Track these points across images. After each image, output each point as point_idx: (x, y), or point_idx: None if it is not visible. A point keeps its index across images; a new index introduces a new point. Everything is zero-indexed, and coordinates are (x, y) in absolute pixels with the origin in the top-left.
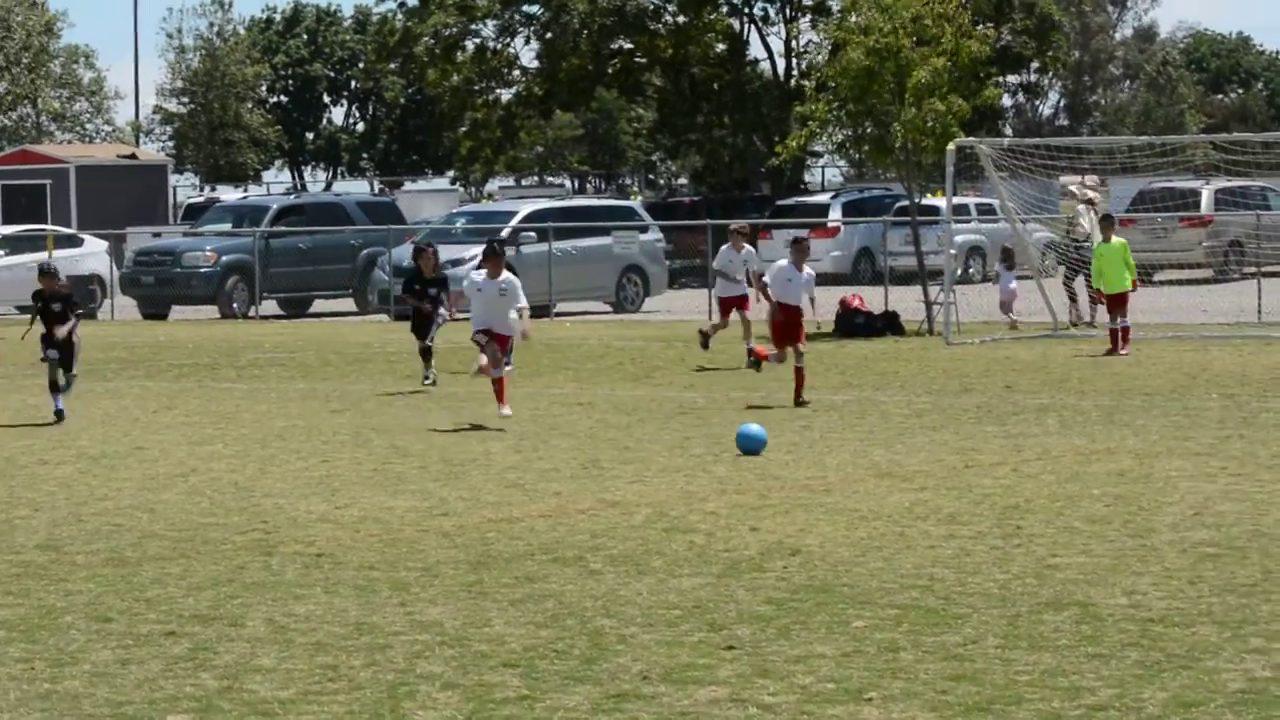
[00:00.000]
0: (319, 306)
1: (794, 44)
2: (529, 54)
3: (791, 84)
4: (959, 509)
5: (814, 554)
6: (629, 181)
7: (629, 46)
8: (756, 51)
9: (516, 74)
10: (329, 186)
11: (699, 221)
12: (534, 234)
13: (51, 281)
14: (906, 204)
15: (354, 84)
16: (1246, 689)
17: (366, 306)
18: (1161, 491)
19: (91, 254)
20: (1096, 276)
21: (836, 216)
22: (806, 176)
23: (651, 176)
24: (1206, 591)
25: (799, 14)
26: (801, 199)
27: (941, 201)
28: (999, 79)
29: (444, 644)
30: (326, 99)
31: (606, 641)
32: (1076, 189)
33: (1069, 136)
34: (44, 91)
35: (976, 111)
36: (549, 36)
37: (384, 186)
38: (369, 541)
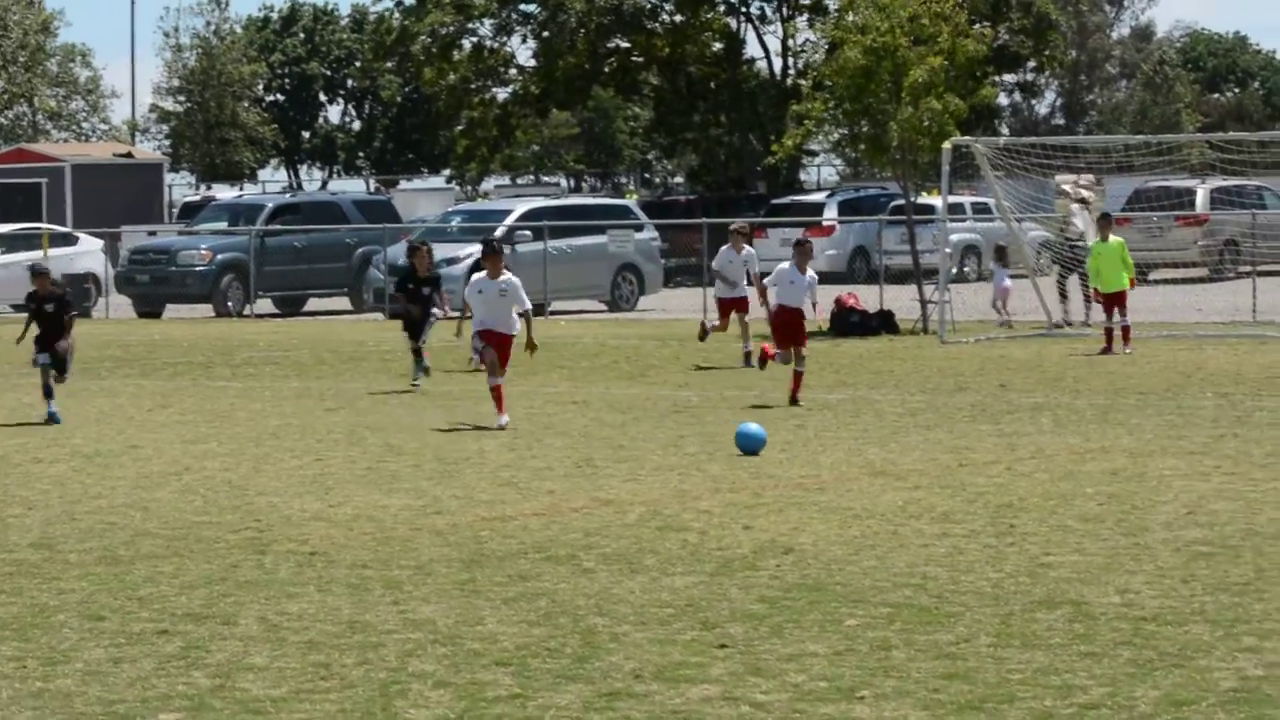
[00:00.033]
0: (314, 305)
1: (790, 43)
2: (525, 53)
3: (788, 83)
4: (953, 507)
5: (807, 552)
6: (625, 180)
7: (626, 45)
8: (753, 50)
9: (513, 73)
10: (325, 185)
11: (695, 220)
12: (529, 233)
13: (44, 282)
14: (902, 203)
15: (350, 83)
16: (1239, 687)
17: (361, 305)
18: (1155, 490)
19: (87, 252)
20: (1094, 275)
21: (832, 215)
22: (802, 175)
23: (647, 175)
24: (1199, 590)
25: (796, 13)
26: (797, 198)
27: (937, 200)
28: (995, 78)
29: (436, 642)
30: (323, 98)
31: (599, 640)
32: (1070, 188)
33: (1065, 136)
34: (40, 90)
35: (973, 110)
36: (545, 35)
37: (380, 185)
38: (362, 540)
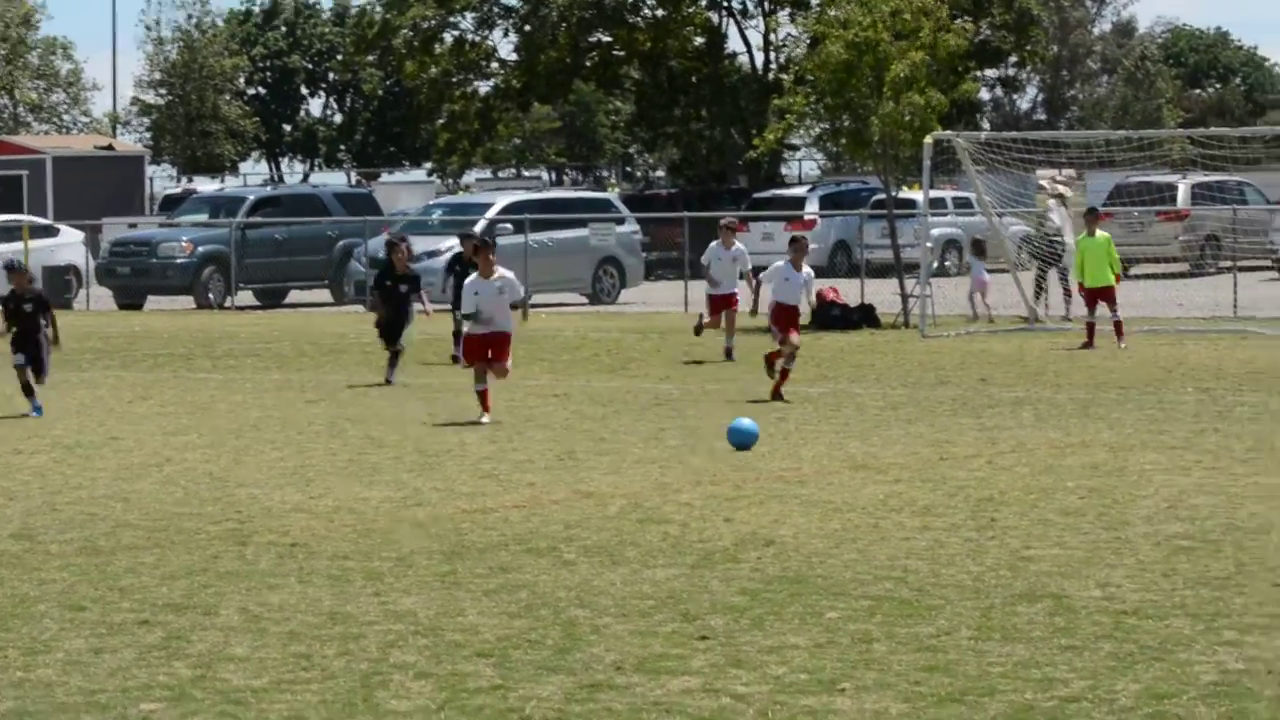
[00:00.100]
0: (295, 297)
1: (772, 37)
2: (507, 46)
3: (770, 77)
4: (933, 501)
5: (788, 545)
6: (606, 174)
7: (607, 39)
8: (735, 45)
9: (495, 66)
10: (306, 178)
11: (676, 214)
12: (510, 226)
13: (21, 279)
14: (883, 197)
15: (332, 76)
16: (1219, 681)
17: (342, 297)
18: (1136, 485)
19: (67, 244)
20: (1078, 269)
21: (813, 209)
22: (784, 170)
23: (629, 169)
24: (1180, 584)
25: (777, 7)
26: (778, 192)
27: (918, 195)
28: (977, 73)
29: (417, 634)
30: (304, 91)
31: (580, 632)
32: (1047, 183)
33: (1047, 131)
34: (21, 83)
35: (954, 105)
36: (527, 29)
37: (361, 178)
38: (343, 531)
